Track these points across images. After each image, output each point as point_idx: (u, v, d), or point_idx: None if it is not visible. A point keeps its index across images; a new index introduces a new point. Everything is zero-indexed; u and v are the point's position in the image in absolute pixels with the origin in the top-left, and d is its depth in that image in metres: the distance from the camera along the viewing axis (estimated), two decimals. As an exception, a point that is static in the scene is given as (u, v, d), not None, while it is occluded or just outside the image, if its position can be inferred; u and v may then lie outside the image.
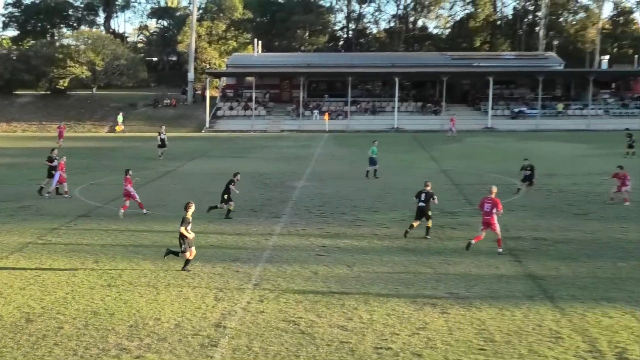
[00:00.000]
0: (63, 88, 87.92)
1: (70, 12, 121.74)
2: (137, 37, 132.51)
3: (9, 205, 29.15)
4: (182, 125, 76.62)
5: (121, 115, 75.68)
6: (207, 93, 79.57)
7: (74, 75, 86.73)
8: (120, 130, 73.56)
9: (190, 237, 18.52)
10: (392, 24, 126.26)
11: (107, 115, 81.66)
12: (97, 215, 27.18)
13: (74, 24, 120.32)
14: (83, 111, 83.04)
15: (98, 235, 23.32)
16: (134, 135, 70.26)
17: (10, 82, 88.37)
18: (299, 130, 74.33)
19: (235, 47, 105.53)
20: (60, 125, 62.23)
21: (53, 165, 31.84)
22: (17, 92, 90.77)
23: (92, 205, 29.34)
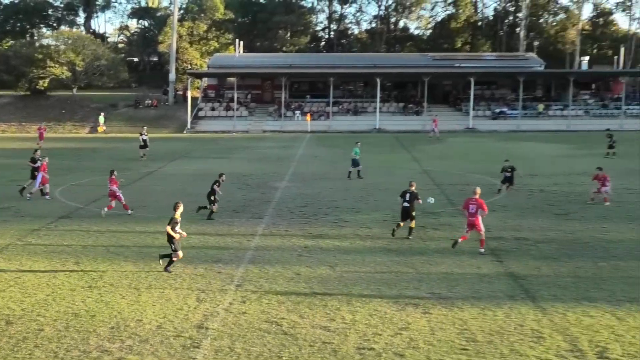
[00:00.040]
0: (43, 89, 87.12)
1: (50, 12, 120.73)
2: (118, 37, 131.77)
3: (-11, 206, 28.91)
4: (163, 125, 76.21)
5: (103, 116, 75.22)
6: (189, 93, 79.17)
7: (54, 76, 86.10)
8: (102, 130, 73.12)
9: (177, 237, 18.46)
10: (373, 24, 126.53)
11: (87, 116, 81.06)
12: (78, 216, 27.01)
13: (54, 24, 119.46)
14: (63, 112, 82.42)
15: (79, 236, 23.19)
16: (115, 136, 69.85)
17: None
18: (281, 130, 74.22)
19: (216, 48, 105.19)
20: (41, 126, 61.72)
21: (36, 167, 31.58)
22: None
23: (73, 206, 29.16)
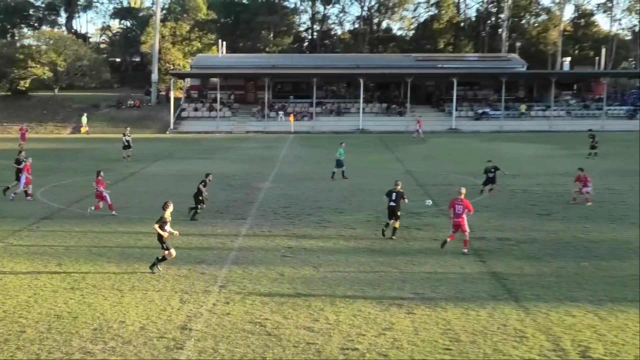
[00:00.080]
0: (24, 89, 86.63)
1: (31, 12, 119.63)
2: (100, 37, 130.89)
3: (-31, 207, 28.66)
4: (146, 126, 75.84)
5: (85, 117, 74.75)
6: (171, 94, 78.82)
7: (35, 76, 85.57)
8: (85, 131, 72.67)
9: (165, 234, 18.37)
10: (356, 25, 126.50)
11: (69, 117, 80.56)
12: (60, 217, 26.86)
13: (35, 24, 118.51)
14: (45, 112, 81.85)
15: (61, 237, 23.05)
16: (97, 136, 69.45)
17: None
18: (264, 131, 74.09)
19: (199, 48, 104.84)
20: (22, 127, 61.17)
21: (20, 168, 31.37)
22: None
23: (55, 207, 28.97)
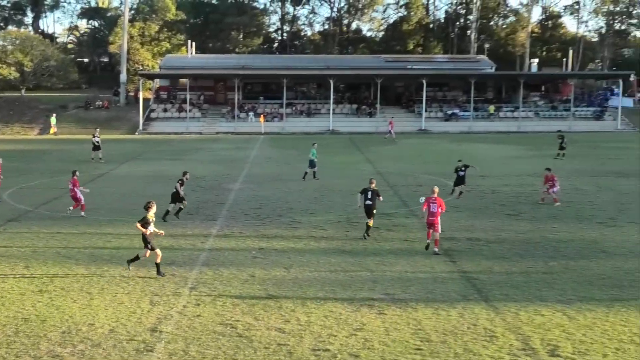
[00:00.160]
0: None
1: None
2: (67, 37, 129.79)
3: None
4: (114, 127, 75.16)
5: (54, 117, 73.95)
6: (140, 95, 78.32)
7: (1, 77, 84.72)
8: (54, 132, 71.88)
9: (147, 231, 18.17)
10: (326, 26, 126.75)
11: (36, 118, 79.69)
12: (27, 219, 26.55)
13: (1, 24, 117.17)
14: (12, 113, 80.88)
15: (28, 240, 22.77)
16: (65, 137, 68.72)
17: None
18: (235, 132, 73.91)
19: (168, 49, 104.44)
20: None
21: None
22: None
23: (22, 209, 28.63)
